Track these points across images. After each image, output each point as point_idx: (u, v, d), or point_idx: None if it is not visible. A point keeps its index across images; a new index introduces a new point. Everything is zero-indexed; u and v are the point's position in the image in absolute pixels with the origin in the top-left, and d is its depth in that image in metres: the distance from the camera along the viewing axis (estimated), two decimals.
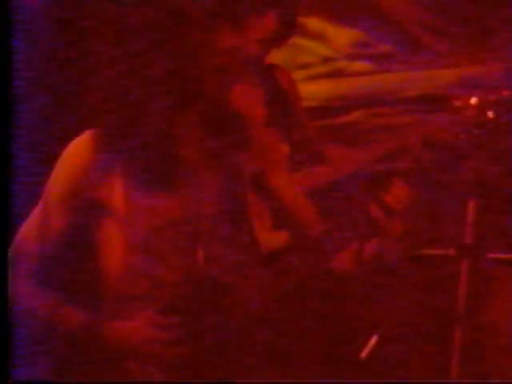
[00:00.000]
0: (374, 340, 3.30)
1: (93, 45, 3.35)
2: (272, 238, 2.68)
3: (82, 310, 2.19)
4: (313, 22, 3.76)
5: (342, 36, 3.76)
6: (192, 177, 2.21)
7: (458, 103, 2.75)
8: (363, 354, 3.25)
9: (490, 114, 2.77)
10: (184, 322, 2.18)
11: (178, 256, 2.19)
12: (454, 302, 3.28)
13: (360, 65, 3.75)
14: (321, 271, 2.75)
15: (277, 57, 3.43)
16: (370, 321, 3.41)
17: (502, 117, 2.78)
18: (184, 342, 2.18)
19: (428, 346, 3.42)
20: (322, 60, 3.79)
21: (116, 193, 2.18)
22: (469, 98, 2.70)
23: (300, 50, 3.77)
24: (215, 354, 2.23)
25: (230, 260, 2.23)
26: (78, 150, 2.18)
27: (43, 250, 2.19)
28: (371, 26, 3.69)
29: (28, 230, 2.20)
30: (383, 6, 3.66)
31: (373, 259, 2.82)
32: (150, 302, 2.17)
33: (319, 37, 3.78)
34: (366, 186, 2.85)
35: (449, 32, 3.59)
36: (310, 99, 3.57)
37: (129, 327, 2.17)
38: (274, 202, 2.65)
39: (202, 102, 2.20)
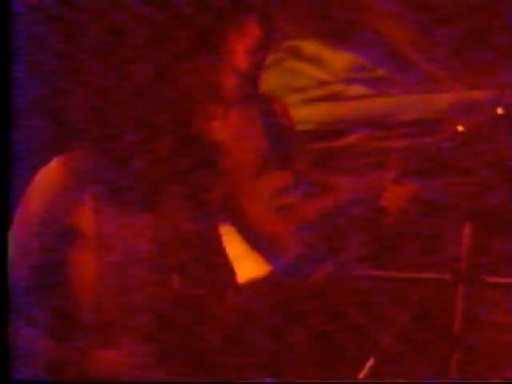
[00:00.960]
0: (371, 362, 3.39)
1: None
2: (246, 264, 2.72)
3: (60, 342, 2.19)
4: (308, 46, 3.75)
5: (338, 60, 3.75)
6: (164, 198, 2.18)
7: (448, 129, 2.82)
8: (361, 375, 3.36)
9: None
10: (161, 349, 2.21)
11: (152, 279, 2.19)
12: (450, 323, 3.47)
13: (356, 88, 3.75)
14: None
15: (272, 80, 3.52)
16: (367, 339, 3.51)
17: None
18: (162, 366, 2.20)
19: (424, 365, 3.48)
20: (317, 83, 3.79)
21: (87, 217, 2.15)
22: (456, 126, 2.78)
23: (296, 74, 3.78)
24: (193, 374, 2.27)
25: (204, 281, 2.24)
26: (47, 177, 2.16)
27: (17, 277, 2.17)
28: (367, 50, 3.68)
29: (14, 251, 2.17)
30: (379, 30, 3.65)
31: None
32: (127, 329, 2.17)
33: (315, 60, 3.78)
34: None
35: (443, 58, 3.59)
36: (306, 122, 3.60)
37: (111, 357, 2.18)
38: (243, 226, 2.61)
39: (179, 127, 2.22)
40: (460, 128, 2.74)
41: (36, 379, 2.28)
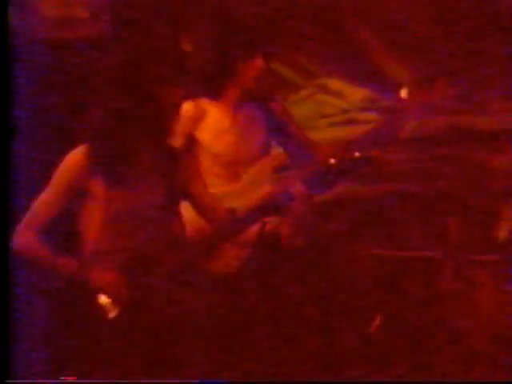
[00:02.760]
0: (378, 319, 3.62)
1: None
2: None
3: (72, 259, 3.01)
4: (333, 83, 4.49)
5: (355, 93, 4.47)
6: (144, 177, 3.05)
7: None
8: (371, 329, 3.60)
9: None
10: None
11: (138, 230, 3.00)
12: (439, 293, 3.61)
13: (369, 115, 4.43)
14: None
15: (306, 109, 4.26)
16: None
17: None
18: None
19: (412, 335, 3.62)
20: (340, 111, 4.47)
21: (97, 185, 3.00)
22: None
23: (323, 104, 4.47)
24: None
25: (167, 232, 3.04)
26: (73, 157, 3.04)
27: (47, 218, 3.01)
28: (377, 86, 4.39)
29: (39, 203, 3.03)
30: (386, 71, 4.39)
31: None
32: (115, 258, 2.98)
33: (338, 94, 4.49)
34: None
35: (434, 91, 4.26)
36: (330, 141, 4.22)
37: (102, 276, 2.97)
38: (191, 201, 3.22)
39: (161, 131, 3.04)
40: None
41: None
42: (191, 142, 3.31)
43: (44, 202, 3.01)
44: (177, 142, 3.13)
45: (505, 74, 4.11)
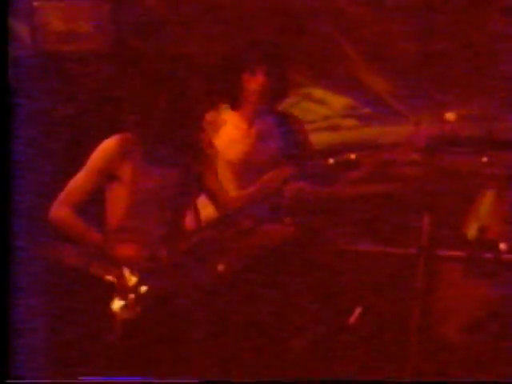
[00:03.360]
0: (358, 310, 3.83)
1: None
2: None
3: (99, 234, 3.28)
4: (317, 91, 4.64)
5: (337, 101, 4.64)
6: (167, 167, 3.35)
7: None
8: (351, 320, 3.82)
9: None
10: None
11: (157, 213, 3.32)
12: (413, 286, 3.69)
13: (350, 122, 4.62)
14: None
15: None
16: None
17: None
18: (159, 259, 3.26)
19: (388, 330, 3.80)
20: (323, 118, 4.64)
21: (125, 170, 3.30)
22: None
23: (307, 111, 4.63)
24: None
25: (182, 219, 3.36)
26: (108, 143, 3.34)
27: (81, 196, 3.29)
28: (358, 95, 4.56)
29: (74, 182, 3.32)
30: (366, 81, 4.55)
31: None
32: (138, 235, 3.28)
33: (321, 101, 4.65)
34: None
35: (408, 99, 4.48)
36: (314, 145, 4.25)
37: (125, 250, 3.26)
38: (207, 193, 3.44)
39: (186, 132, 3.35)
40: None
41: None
42: (210, 145, 3.56)
43: (78, 181, 3.31)
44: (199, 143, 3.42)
45: (468, 81, 4.33)
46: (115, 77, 3.68)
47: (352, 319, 3.84)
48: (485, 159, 3.65)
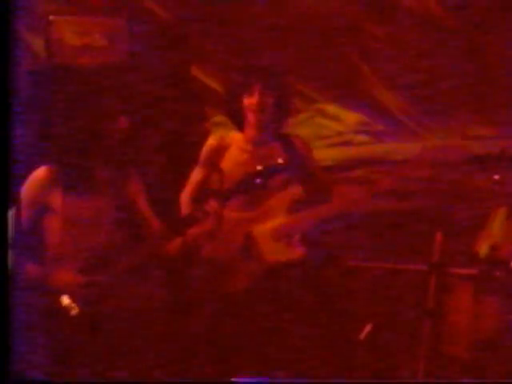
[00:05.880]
0: (369, 327, 3.89)
1: None
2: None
3: (38, 266, 3.33)
4: (331, 108, 4.70)
5: (351, 117, 4.68)
6: (101, 192, 3.40)
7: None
8: (361, 337, 3.86)
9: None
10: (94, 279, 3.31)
11: (93, 236, 3.35)
12: (424, 302, 3.75)
13: (362, 138, 4.66)
14: None
15: (306, 131, 4.44)
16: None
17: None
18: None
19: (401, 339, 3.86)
20: (336, 134, 4.69)
21: (57, 200, 3.36)
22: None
23: (321, 127, 4.69)
24: None
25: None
26: (36, 177, 3.40)
27: (16, 230, 3.21)
28: (371, 111, 4.60)
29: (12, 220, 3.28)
30: (379, 98, 4.60)
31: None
32: (75, 262, 3.32)
33: (335, 118, 4.70)
34: None
35: (421, 119, 4.52)
36: (327, 160, 4.48)
37: (63, 277, 3.31)
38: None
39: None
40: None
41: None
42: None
43: (13, 216, 3.26)
44: None
45: (480, 99, 4.34)
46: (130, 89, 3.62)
47: (362, 336, 3.88)
48: (497, 177, 3.64)
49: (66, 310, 3.25)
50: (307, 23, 4.56)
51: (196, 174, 3.79)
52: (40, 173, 3.40)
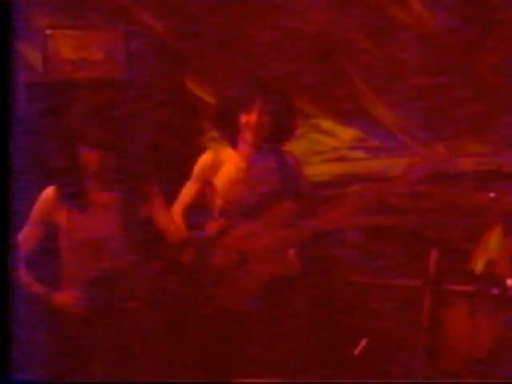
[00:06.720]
0: (364, 342, 3.90)
1: None
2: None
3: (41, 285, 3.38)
4: (326, 123, 4.70)
5: (346, 133, 4.69)
6: (103, 211, 3.46)
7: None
8: (356, 352, 3.87)
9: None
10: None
11: (96, 254, 3.40)
12: (420, 318, 3.72)
13: (358, 153, 4.67)
14: None
15: (301, 146, 4.40)
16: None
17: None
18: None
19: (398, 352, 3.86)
20: (331, 149, 4.69)
21: (62, 218, 3.42)
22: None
23: (316, 142, 4.69)
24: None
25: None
26: (44, 196, 3.46)
27: (28, 248, 3.40)
28: (366, 127, 4.62)
29: (21, 237, 3.41)
30: (375, 114, 4.62)
31: None
32: (78, 281, 3.37)
33: (330, 133, 4.70)
34: None
35: (416, 134, 4.55)
36: (323, 176, 4.52)
37: (64, 296, 3.37)
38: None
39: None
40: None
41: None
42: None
43: (24, 234, 3.41)
44: None
45: (476, 116, 4.36)
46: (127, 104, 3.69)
47: (357, 351, 3.87)
48: (492, 194, 3.64)
49: None
50: (303, 39, 4.58)
51: (188, 189, 3.78)
52: (48, 192, 3.44)
